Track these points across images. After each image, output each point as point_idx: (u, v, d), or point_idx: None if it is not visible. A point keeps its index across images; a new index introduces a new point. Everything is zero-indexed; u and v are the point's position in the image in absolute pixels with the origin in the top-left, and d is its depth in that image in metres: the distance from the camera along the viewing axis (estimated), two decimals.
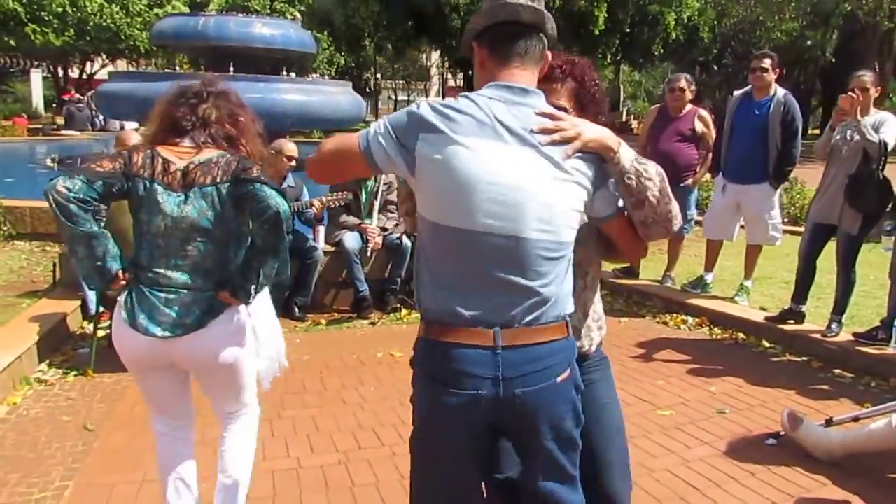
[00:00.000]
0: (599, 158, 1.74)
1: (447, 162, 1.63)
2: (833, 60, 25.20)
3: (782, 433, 3.55)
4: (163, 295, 2.27)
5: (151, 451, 3.24)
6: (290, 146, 5.45)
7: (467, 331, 1.66)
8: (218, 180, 2.26)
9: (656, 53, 24.22)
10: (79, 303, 4.92)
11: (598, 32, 20.40)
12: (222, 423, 2.61)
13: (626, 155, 1.73)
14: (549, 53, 1.80)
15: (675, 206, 1.81)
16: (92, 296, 4.71)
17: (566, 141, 1.67)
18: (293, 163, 5.42)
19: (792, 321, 5.04)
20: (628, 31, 21.79)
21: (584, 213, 1.78)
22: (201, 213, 2.26)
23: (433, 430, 1.77)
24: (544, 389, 1.71)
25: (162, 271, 2.28)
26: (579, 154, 1.69)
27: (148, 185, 2.25)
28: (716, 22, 25.08)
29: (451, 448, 1.75)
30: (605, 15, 20.34)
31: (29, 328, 4.33)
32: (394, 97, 50.38)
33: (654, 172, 1.75)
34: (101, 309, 4.52)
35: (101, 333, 4.46)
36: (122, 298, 2.32)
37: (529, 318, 1.68)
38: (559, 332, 1.74)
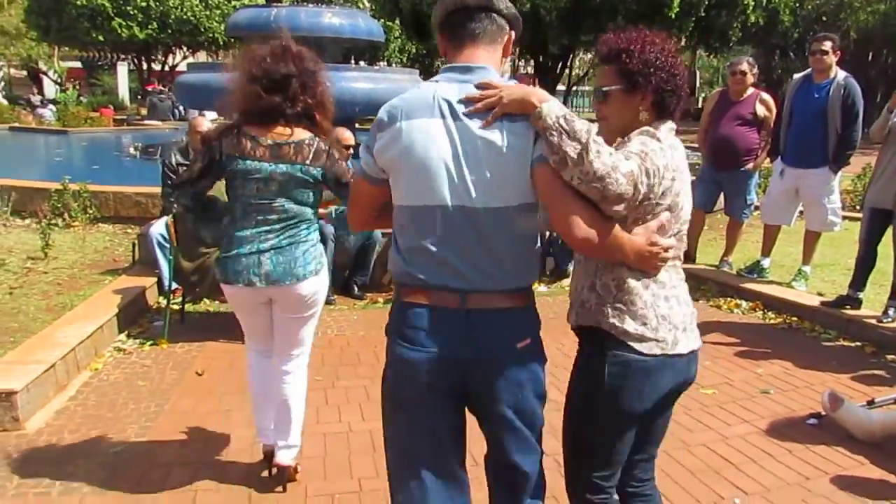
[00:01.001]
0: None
1: (402, 148, 1.78)
2: None
3: (823, 413, 3.58)
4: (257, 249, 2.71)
5: (216, 413, 3.56)
6: (346, 134, 5.63)
7: (437, 293, 1.79)
8: (308, 162, 2.70)
9: (734, 38, 23.45)
10: (155, 280, 5.28)
11: (672, 16, 19.91)
12: (280, 366, 2.92)
13: (551, 112, 1.69)
14: (512, 31, 1.91)
15: (608, 167, 1.68)
16: (167, 273, 5.05)
17: (489, 108, 1.75)
18: (350, 150, 5.62)
19: (849, 307, 4.98)
20: (704, 14, 21.16)
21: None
22: (288, 181, 2.68)
23: (399, 386, 1.89)
24: (504, 355, 1.81)
25: (256, 230, 2.71)
26: (515, 118, 1.74)
27: (240, 161, 2.67)
28: (797, 4, 24.11)
29: (414, 403, 1.87)
30: None
31: (110, 302, 4.70)
32: None
33: (582, 131, 1.67)
34: (175, 285, 4.86)
35: (174, 308, 4.81)
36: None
37: (490, 284, 1.79)
38: (519, 300, 1.84)
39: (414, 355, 1.81)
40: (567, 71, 29.26)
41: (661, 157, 1.83)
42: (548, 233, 4.20)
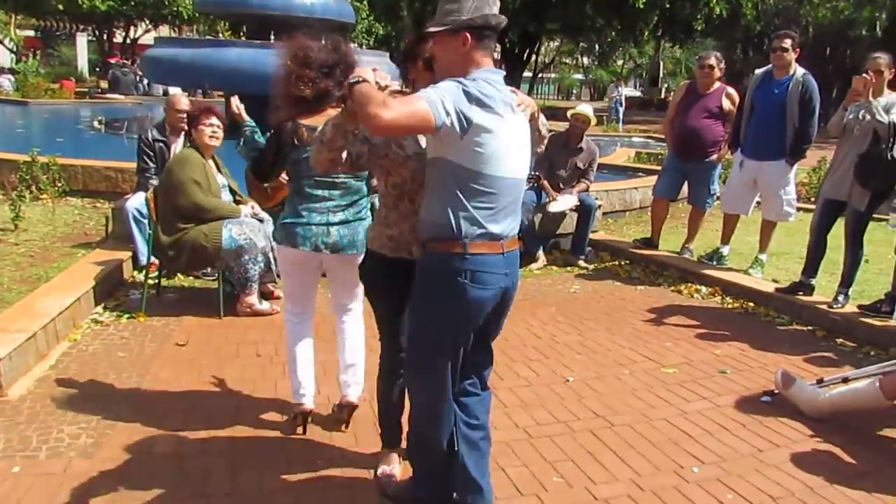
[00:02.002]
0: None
1: (495, 129, 2.27)
2: (880, 38, 24.61)
3: (776, 391, 3.81)
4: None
5: (198, 383, 3.66)
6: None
7: (504, 243, 2.38)
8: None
9: (698, 29, 23.91)
10: (129, 254, 5.31)
11: (639, 6, 20.22)
12: (340, 316, 3.35)
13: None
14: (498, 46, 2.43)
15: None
16: (143, 248, 5.09)
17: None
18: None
19: (801, 293, 5.24)
20: (669, 5, 21.52)
21: None
22: None
23: (466, 318, 2.39)
24: (515, 283, 2.50)
25: (325, 204, 3.14)
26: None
27: (302, 150, 3.09)
28: None
29: (469, 328, 2.43)
30: None
31: (87, 274, 4.73)
32: None
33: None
34: (151, 259, 4.90)
35: (150, 282, 4.85)
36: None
37: (515, 232, 2.45)
38: (518, 241, 2.50)
39: (485, 293, 2.35)
40: (534, 58, 29.42)
41: None
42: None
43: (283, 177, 5.43)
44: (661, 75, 36.79)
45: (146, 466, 2.90)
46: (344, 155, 2.54)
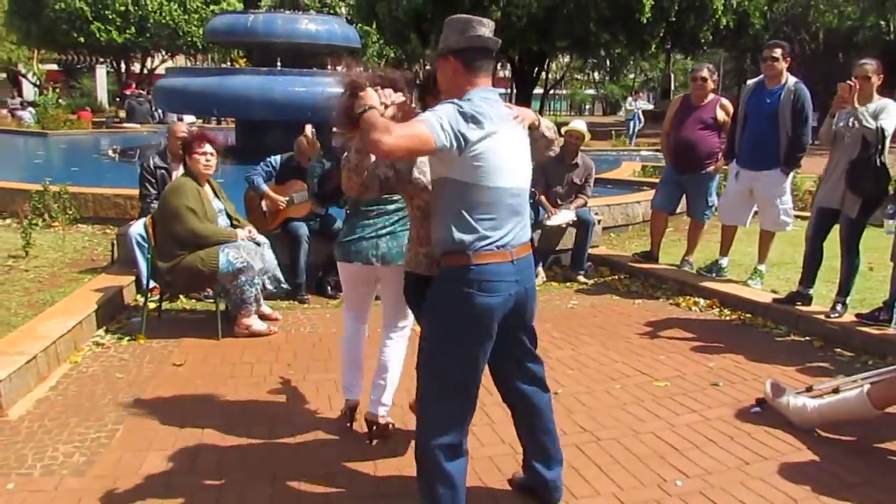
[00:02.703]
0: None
1: (491, 144, 2.43)
2: (885, 45, 24.48)
3: (766, 402, 3.80)
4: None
5: (192, 403, 3.73)
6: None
7: (511, 251, 2.50)
8: None
9: (704, 41, 23.89)
10: (133, 278, 5.42)
11: (643, 20, 20.28)
12: (387, 334, 3.43)
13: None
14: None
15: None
16: (145, 271, 5.20)
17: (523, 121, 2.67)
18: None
19: (799, 303, 5.23)
20: (675, 18, 21.55)
21: None
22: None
23: (477, 327, 2.49)
24: (530, 287, 2.63)
25: (377, 219, 3.36)
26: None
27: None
28: (767, 8, 24.59)
29: (484, 336, 2.52)
30: (652, 2, 20.21)
31: (89, 299, 4.84)
32: None
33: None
34: (152, 284, 5.01)
35: (151, 305, 4.96)
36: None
37: (525, 238, 2.57)
38: (530, 247, 2.63)
39: (493, 300, 2.46)
40: (544, 75, 29.54)
41: None
42: None
43: (281, 200, 5.57)
44: (672, 87, 36.75)
45: (134, 484, 2.96)
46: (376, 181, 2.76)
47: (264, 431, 3.46)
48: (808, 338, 4.96)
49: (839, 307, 4.98)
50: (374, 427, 3.36)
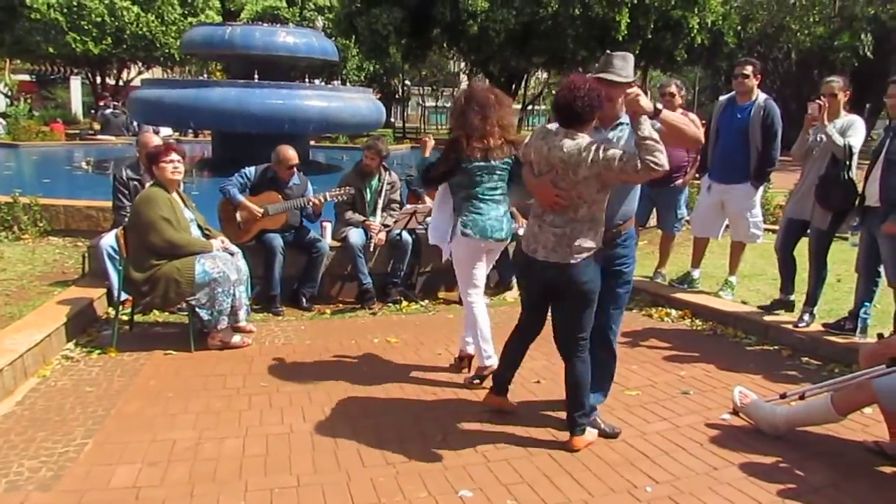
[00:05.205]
0: None
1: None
2: (856, 64, 25.02)
3: (734, 409, 3.86)
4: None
5: (162, 417, 3.70)
6: (290, 154, 5.76)
7: None
8: (506, 157, 4.18)
9: (679, 59, 24.23)
10: (104, 290, 5.37)
11: (620, 38, 20.52)
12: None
13: None
14: None
15: None
16: (116, 284, 5.14)
17: None
18: (293, 170, 5.78)
19: (782, 311, 5.31)
20: (650, 36, 21.85)
21: None
22: (501, 169, 4.19)
23: None
24: None
25: (493, 204, 4.19)
26: None
27: (469, 162, 4.12)
28: (740, 27, 25.05)
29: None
30: (628, 21, 20.47)
31: (58, 311, 4.78)
32: (422, 103, 50.81)
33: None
34: (125, 296, 4.96)
35: (123, 317, 4.91)
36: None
37: None
38: None
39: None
40: (522, 91, 29.76)
41: None
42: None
43: (257, 209, 5.55)
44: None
45: (102, 498, 2.93)
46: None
47: (237, 444, 3.44)
48: (776, 347, 5.04)
49: (806, 317, 5.08)
50: (482, 371, 4.27)
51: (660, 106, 3.31)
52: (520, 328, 3.80)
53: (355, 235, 5.86)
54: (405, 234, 5.97)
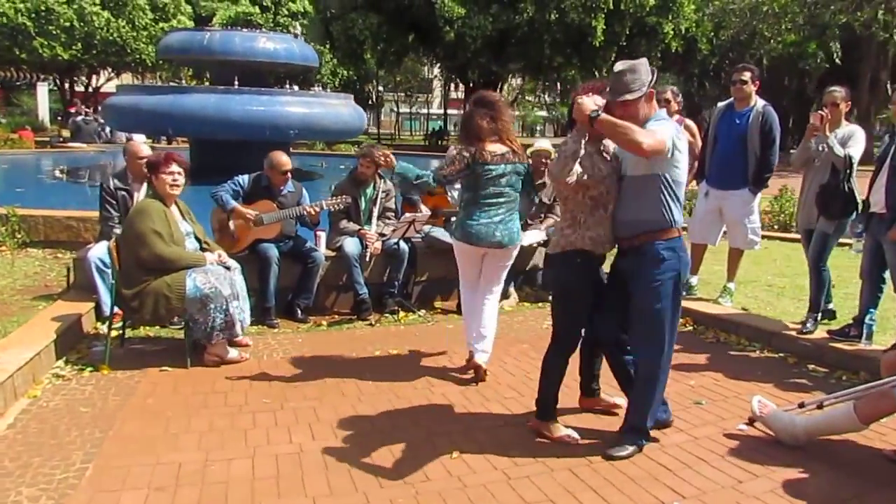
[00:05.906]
0: None
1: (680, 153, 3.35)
2: (834, 67, 25.48)
3: (752, 420, 3.80)
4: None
5: (163, 437, 3.53)
6: (283, 159, 5.62)
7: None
8: (517, 161, 4.25)
9: (654, 65, 24.53)
10: (92, 305, 5.17)
11: (596, 45, 20.67)
12: (484, 296, 4.45)
13: None
14: None
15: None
16: (106, 298, 4.95)
17: None
18: (287, 176, 5.64)
19: (826, 321, 5.28)
20: (625, 43, 22.06)
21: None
22: (510, 175, 4.22)
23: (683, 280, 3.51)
24: None
25: (494, 210, 4.21)
26: None
27: (484, 165, 4.14)
28: (713, 34, 25.40)
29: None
30: (604, 27, 20.63)
31: (46, 328, 4.58)
32: (396, 109, 50.73)
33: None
34: (115, 310, 4.77)
35: (114, 333, 4.72)
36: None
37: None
38: None
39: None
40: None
41: None
42: None
43: (249, 213, 5.38)
44: None
45: None
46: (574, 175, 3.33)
47: (246, 465, 3.29)
48: (781, 354, 5.01)
49: (810, 324, 5.07)
50: (478, 370, 4.37)
51: (599, 112, 3.15)
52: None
53: (351, 245, 5.73)
54: (402, 243, 5.85)
